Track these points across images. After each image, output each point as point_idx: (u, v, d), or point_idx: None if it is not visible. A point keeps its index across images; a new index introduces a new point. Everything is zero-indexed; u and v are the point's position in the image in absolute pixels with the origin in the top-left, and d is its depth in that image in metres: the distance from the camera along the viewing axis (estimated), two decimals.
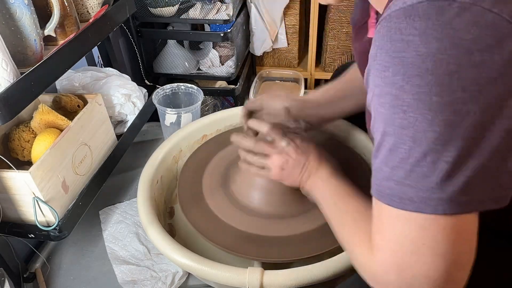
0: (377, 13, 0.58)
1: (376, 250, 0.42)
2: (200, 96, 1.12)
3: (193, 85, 1.15)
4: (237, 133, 0.72)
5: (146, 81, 1.38)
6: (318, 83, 1.88)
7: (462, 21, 0.35)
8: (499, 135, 0.36)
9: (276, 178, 0.68)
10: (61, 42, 0.78)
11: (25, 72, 0.65)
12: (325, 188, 0.62)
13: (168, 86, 1.15)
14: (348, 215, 0.54)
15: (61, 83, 0.99)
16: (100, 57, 1.23)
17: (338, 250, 0.65)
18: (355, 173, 0.72)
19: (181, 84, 1.16)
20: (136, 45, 1.32)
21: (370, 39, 0.52)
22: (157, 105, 1.08)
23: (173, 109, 1.07)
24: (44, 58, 0.69)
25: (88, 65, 1.16)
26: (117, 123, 1.04)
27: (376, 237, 0.43)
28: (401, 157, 0.38)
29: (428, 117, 0.36)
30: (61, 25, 0.79)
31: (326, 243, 0.68)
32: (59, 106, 0.87)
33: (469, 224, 0.38)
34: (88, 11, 0.89)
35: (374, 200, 0.43)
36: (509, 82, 0.35)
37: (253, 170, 0.69)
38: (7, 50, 0.62)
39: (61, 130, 0.78)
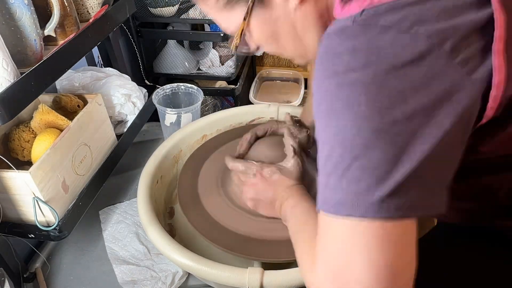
0: None
1: (315, 260, 0.42)
2: (200, 96, 1.12)
3: (193, 85, 1.15)
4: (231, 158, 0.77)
5: (146, 81, 1.38)
6: None
7: (384, 39, 0.38)
8: (430, 144, 0.37)
9: (252, 207, 0.72)
10: (61, 42, 0.78)
11: (25, 72, 0.65)
12: (291, 216, 0.62)
13: (168, 86, 1.15)
14: (303, 234, 0.53)
15: (61, 83, 0.99)
16: (100, 57, 1.23)
17: None
18: None
19: (181, 84, 1.16)
20: (136, 45, 1.32)
21: None
22: (157, 105, 1.08)
23: (173, 109, 1.07)
24: (44, 58, 0.69)
25: (88, 65, 1.16)
26: (117, 123, 1.04)
27: (316, 248, 0.43)
28: (334, 163, 0.39)
29: (357, 123, 0.38)
30: (61, 25, 0.79)
31: None
32: (59, 106, 0.87)
33: (405, 231, 0.38)
34: (88, 11, 0.89)
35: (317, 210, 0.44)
36: (433, 94, 0.38)
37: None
38: (7, 50, 0.62)
39: (61, 130, 0.78)
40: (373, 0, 0.41)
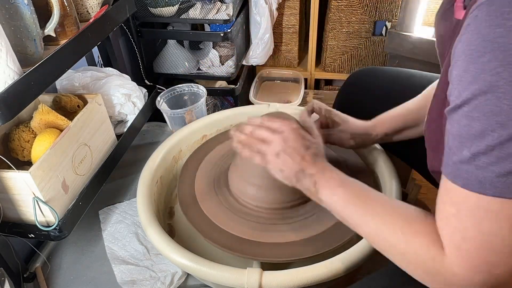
0: None
1: (452, 247, 0.40)
2: (203, 93, 1.13)
3: (195, 84, 1.16)
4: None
5: (146, 81, 1.38)
6: (318, 83, 1.88)
7: None
8: None
9: (271, 166, 0.60)
10: (61, 42, 0.78)
11: (25, 72, 0.65)
12: (340, 188, 0.54)
13: (170, 89, 1.17)
14: (386, 209, 0.49)
15: (61, 83, 1.00)
16: (100, 57, 1.23)
17: (338, 250, 0.65)
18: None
19: (184, 85, 1.17)
20: (136, 45, 1.32)
21: (457, 20, 0.52)
22: (161, 109, 1.09)
23: (176, 110, 1.08)
24: (44, 58, 0.70)
25: (88, 65, 1.16)
26: (117, 123, 1.04)
27: (448, 228, 0.41)
28: (487, 143, 0.37)
29: None
30: (61, 25, 0.79)
31: (325, 244, 0.68)
32: (59, 106, 0.87)
33: None
34: (88, 11, 0.89)
35: (446, 183, 0.41)
36: None
37: (246, 153, 0.62)
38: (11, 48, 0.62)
39: (61, 130, 0.78)
40: None
